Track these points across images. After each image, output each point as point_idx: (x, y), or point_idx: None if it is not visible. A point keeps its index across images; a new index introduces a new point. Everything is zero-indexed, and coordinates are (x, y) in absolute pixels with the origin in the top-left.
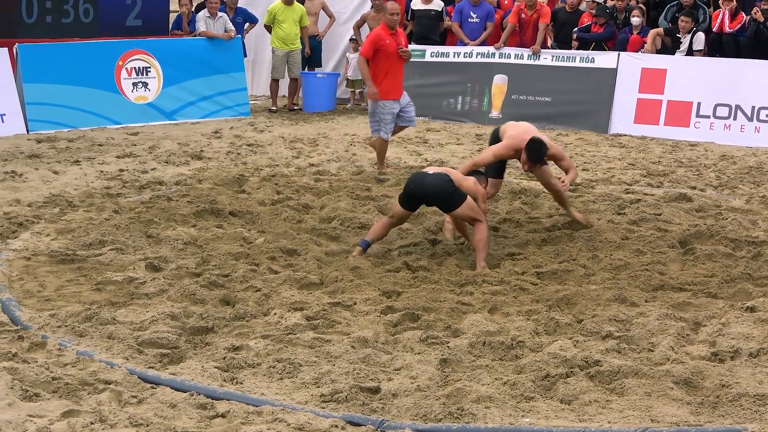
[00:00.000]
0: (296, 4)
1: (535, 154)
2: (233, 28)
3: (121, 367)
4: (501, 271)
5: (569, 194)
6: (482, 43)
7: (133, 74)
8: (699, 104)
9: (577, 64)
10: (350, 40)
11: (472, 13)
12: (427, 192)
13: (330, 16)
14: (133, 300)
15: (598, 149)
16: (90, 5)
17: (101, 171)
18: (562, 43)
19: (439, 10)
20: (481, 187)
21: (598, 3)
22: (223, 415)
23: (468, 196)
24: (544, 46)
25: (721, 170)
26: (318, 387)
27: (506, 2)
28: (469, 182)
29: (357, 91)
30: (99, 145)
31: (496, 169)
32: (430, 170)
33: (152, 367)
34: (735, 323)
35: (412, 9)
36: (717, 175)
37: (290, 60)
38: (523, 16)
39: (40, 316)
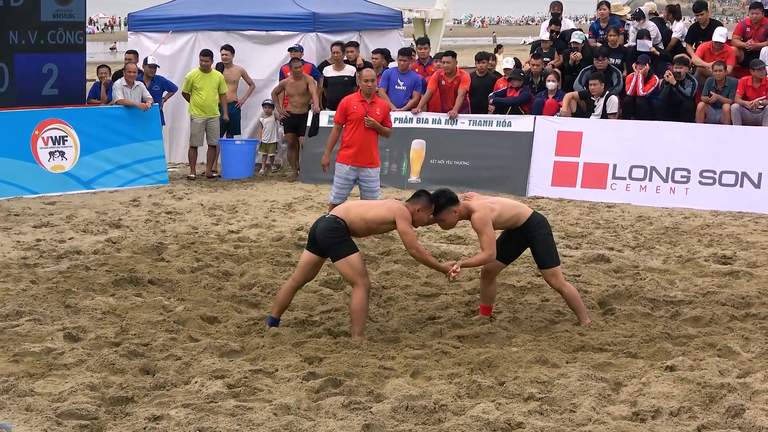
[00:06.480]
0: (214, 71)
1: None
2: (150, 97)
3: None
4: (422, 335)
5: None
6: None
7: (50, 143)
8: (615, 166)
9: (494, 128)
10: (263, 104)
11: (399, 81)
12: (315, 235)
13: (250, 83)
14: (52, 371)
15: None
16: (5, 74)
17: (18, 241)
18: (475, 107)
19: (352, 75)
20: (405, 208)
21: (514, 67)
22: None
23: (353, 254)
24: (466, 111)
25: (638, 231)
26: None
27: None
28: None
29: (269, 155)
30: (15, 215)
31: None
32: (341, 207)
33: None
34: (655, 382)
35: (324, 76)
36: (634, 236)
37: (209, 127)
38: (443, 82)
39: None
